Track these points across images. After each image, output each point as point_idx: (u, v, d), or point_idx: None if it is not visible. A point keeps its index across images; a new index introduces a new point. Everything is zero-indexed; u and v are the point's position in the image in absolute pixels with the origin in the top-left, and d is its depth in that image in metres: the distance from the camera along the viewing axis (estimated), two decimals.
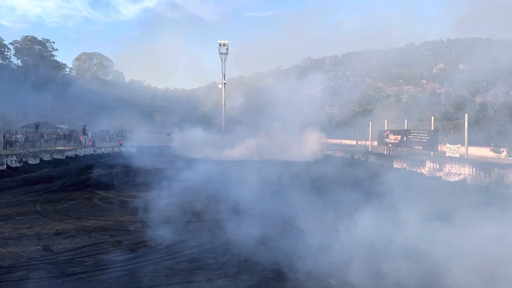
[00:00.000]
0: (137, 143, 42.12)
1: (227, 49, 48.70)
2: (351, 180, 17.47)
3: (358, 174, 20.40)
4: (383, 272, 6.67)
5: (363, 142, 43.39)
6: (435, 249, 7.15)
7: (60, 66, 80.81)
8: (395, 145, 29.69)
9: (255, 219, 11.02)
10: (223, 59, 48.94)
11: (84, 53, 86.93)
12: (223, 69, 49.16)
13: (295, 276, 6.68)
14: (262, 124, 38.79)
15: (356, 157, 34.29)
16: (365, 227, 9.49)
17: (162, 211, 12.08)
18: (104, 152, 36.79)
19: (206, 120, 48.78)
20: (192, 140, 35.93)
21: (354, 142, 46.53)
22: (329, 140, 44.11)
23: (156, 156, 32.92)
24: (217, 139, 36.71)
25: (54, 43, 78.33)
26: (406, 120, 29.55)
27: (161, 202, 13.33)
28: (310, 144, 34.94)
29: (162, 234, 9.37)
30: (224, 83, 49.90)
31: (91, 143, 38.16)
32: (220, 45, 48.64)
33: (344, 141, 51.24)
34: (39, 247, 8.30)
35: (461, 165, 19.25)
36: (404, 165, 24.71)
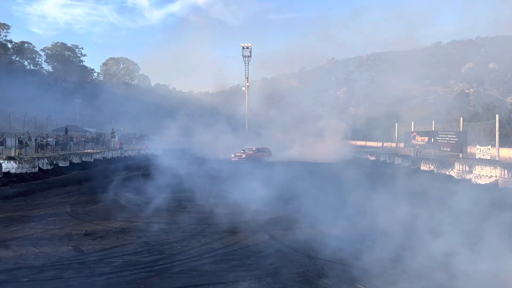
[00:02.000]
0: (162, 145, 42.80)
1: (250, 52, 48.90)
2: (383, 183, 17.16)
3: (390, 177, 20.10)
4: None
5: (389, 144, 42.70)
6: None
7: (88, 71, 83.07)
8: (422, 146, 29.06)
9: (281, 221, 11.04)
10: (246, 62, 49.19)
11: (111, 58, 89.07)
12: (246, 71, 49.39)
13: (321, 280, 6.62)
14: (285, 126, 38.73)
15: (382, 159, 33.76)
16: (392, 229, 9.35)
17: (188, 212, 12.25)
18: (131, 154, 37.51)
19: (229, 123, 49.05)
20: (216, 142, 36.24)
21: (379, 144, 45.85)
22: (354, 142, 43.64)
23: (181, 158, 33.31)
24: (241, 142, 36.92)
25: (82, 48, 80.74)
26: (433, 121, 28.88)
27: (187, 204, 13.53)
28: (337, 146, 34.65)
29: (187, 235, 9.49)
30: (248, 86, 50.09)
31: (118, 146, 38.98)
32: (243, 48, 48.90)
33: (369, 143, 50.53)
34: (70, 247, 8.53)
35: (492, 167, 18.65)
36: (432, 167, 24.15)
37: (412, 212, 11.14)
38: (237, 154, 33.32)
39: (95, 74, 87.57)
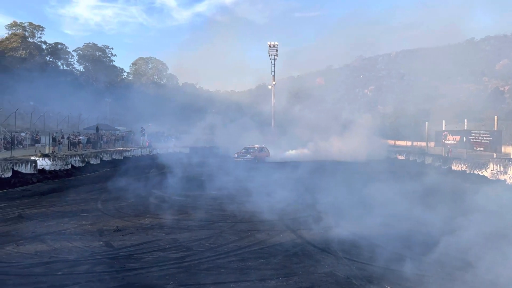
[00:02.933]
0: (189, 144, 43.42)
1: (276, 50, 48.77)
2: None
3: (420, 176, 19.69)
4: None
5: (419, 143, 41.73)
6: None
7: (118, 71, 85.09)
8: (454, 146, 28.26)
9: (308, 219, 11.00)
10: (273, 60, 49.07)
11: (140, 58, 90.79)
12: (273, 70, 49.31)
13: (349, 280, 6.55)
14: (312, 123, 38.45)
15: (411, 158, 33.05)
16: (423, 230, 9.16)
17: (215, 210, 12.37)
18: (159, 152, 38.17)
19: (255, 121, 49.12)
20: (242, 140, 36.38)
21: (409, 143, 44.89)
22: (382, 141, 42.83)
23: (207, 156, 33.76)
24: (269, 140, 36.93)
25: (112, 49, 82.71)
26: (466, 120, 28.00)
27: (214, 202, 13.65)
28: (366, 144, 34.11)
29: (215, 233, 9.58)
30: (274, 84, 50.01)
31: (147, 144, 39.76)
32: (269, 46, 48.82)
33: (398, 142, 49.52)
34: (101, 242, 8.78)
35: None
36: (464, 167, 23.43)
37: (445, 213, 10.89)
38: (241, 153, 32.13)
39: (125, 74, 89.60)
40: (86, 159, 26.33)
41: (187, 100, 69.65)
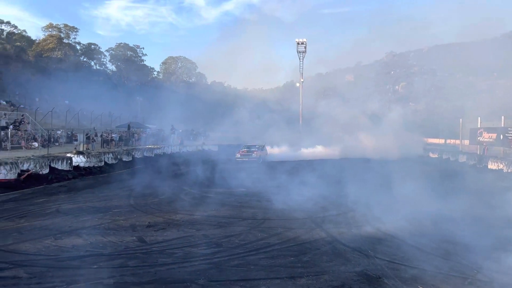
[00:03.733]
0: (218, 141, 43.82)
1: (305, 47, 48.45)
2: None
3: (454, 175, 19.14)
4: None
5: (452, 141, 40.54)
6: None
7: (149, 70, 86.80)
8: (490, 144, 27.27)
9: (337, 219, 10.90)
10: (301, 58, 48.77)
11: (170, 57, 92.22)
12: (301, 67, 49.00)
13: (381, 279, 6.45)
14: (341, 121, 37.94)
15: (444, 156, 32.12)
16: (458, 230, 8.91)
17: (244, 207, 12.44)
18: (189, 150, 38.71)
19: (283, 119, 48.97)
20: (270, 138, 36.35)
21: (441, 141, 43.65)
22: (416, 137, 41.72)
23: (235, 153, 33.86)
24: (296, 137, 36.70)
25: (143, 48, 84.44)
26: (503, 117, 26.94)
27: (243, 199, 13.73)
28: (397, 142, 33.33)
29: (244, 229, 9.64)
30: (302, 82, 49.71)
31: (179, 141, 40.43)
32: (298, 43, 48.54)
33: (430, 140, 48.21)
34: (134, 237, 9.00)
35: None
36: (501, 166, 22.57)
37: (483, 213, 10.56)
38: (244, 153, 29.76)
39: (155, 73, 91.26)
40: (118, 156, 27.02)
41: (216, 99, 70.29)
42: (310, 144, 34.89)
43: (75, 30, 74.12)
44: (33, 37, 72.09)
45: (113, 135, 35.40)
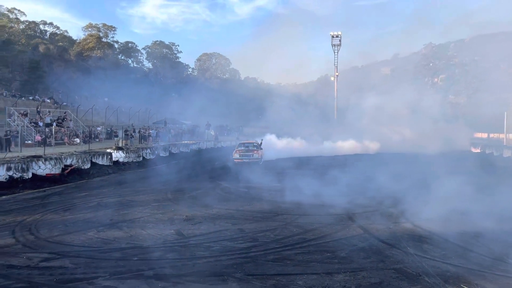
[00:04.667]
0: (252, 137, 43.92)
1: (340, 41, 47.72)
2: None
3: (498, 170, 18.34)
4: None
5: (496, 135, 38.76)
6: None
7: (184, 67, 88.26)
8: None
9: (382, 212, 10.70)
10: (336, 51, 48.08)
11: (204, 54, 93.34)
12: (336, 61, 48.30)
13: (421, 277, 6.28)
14: (377, 115, 37.05)
15: (487, 151, 30.80)
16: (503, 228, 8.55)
17: (279, 202, 12.43)
18: (223, 145, 39.13)
19: (318, 113, 48.52)
20: (304, 133, 36.07)
21: (484, 135, 41.84)
22: (460, 130, 40.15)
23: (269, 149, 33.81)
24: (331, 131, 36.18)
25: (178, 46, 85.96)
26: None
27: (277, 194, 13.72)
28: (436, 136, 32.22)
29: (279, 224, 9.65)
30: (337, 75, 49.00)
31: (214, 136, 40.96)
32: (332, 37, 47.87)
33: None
34: (172, 231, 9.21)
35: None
36: None
37: None
38: (242, 152, 24.64)
39: (190, 70, 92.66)
40: (156, 152, 27.72)
41: (249, 94, 70.53)
42: (345, 138, 34.28)
43: (113, 29, 76.46)
44: (74, 37, 75.16)
45: (150, 131, 36.31)
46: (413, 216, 10.26)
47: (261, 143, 26.77)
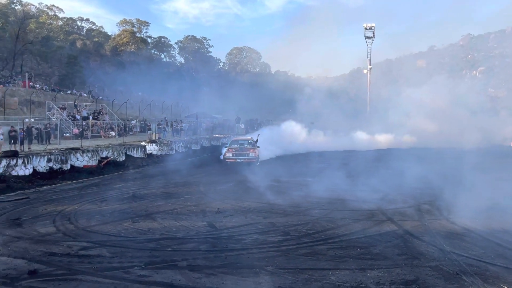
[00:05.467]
0: None
1: (373, 33, 46.64)
2: None
3: None
4: None
5: None
6: None
7: (215, 61, 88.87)
8: None
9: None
10: (369, 43, 47.05)
11: (235, 48, 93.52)
12: (369, 53, 47.29)
13: (458, 275, 6.09)
14: (413, 108, 35.97)
15: None
16: None
17: (310, 197, 12.35)
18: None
19: (350, 107, 47.75)
20: (335, 127, 35.54)
21: None
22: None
23: None
24: (363, 125, 35.44)
25: (210, 40, 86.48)
26: None
27: (308, 188, 13.63)
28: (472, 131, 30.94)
29: (311, 219, 9.59)
30: (370, 68, 48.00)
31: (244, 131, 41.13)
32: (365, 28, 46.84)
33: None
34: (205, 223, 9.34)
35: None
36: None
37: None
38: (236, 151, 21.28)
39: (221, 64, 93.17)
40: (188, 145, 28.13)
41: (279, 87, 70.21)
42: (378, 132, 33.49)
43: (147, 24, 77.77)
44: (109, 33, 77.02)
45: (182, 124, 36.86)
46: (450, 213, 9.97)
47: (257, 140, 22.85)
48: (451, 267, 6.43)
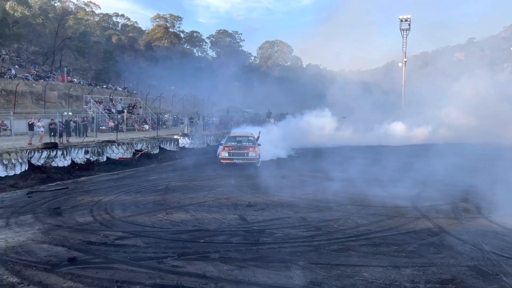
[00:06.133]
0: None
1: (409, 25, 45.28)
2: None
3: None
4: None
5: None
6: None
7: (246, 55, 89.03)
8: None
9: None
10: (404, 36, 45.73)
11: (266, 42, 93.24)
12: (404, 46, 45.98)
13: (498, 276, 5.86)
14: (449, 102, 34.70)
15: None
16: None
17: (342, 192, 12.18)
18: None
19: (383, 101, 46.64)
20: (368, 121, 34.82)
21: None
22: None
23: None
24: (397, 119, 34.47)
25: (241, 34, 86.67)
26: None
27: (340, 184, 13.45)
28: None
29: (343, 215, 9.48)
30: (405, 61, 46.70)
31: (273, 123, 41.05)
32: (401, 20, 45.54)
33: None
34: (236, 216, 9.42)
35: None
36: None
37: None
38: (233, 149, 18.13)
39: (252, 58, 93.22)
40: (219, 139, 28.37)
41: (311, 81, 69.51)
42: (415, 126, 32.48)
43: (179, 19, 78.77)
44: (143, 28, 78.62)
45: (213, 118, 37.23)
46: (489, 211, 9.59)
47: (258, 137, 19.58)
48: (490, 268, 6.20)
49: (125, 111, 33.73)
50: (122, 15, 78.69)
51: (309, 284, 5.60)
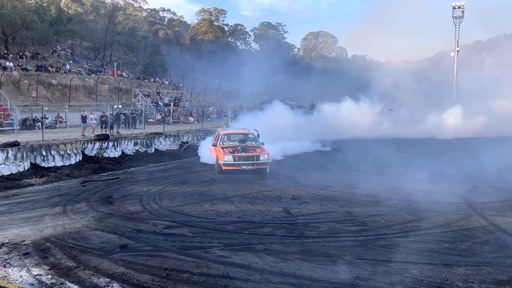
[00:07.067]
0: None
1: (462, 12, 42.99)
2: None
3: None
4: None
5: None
6: None
7: (290, 47, 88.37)
8: None
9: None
10: (457, 24, 43.49)
11: (310, 33, 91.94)
12: (457, 35, 43.76)
13: None
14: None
15: None
16: None
17: (387, 187, 11.83)
18: None
19: (433, 92, 44.71)
20: (418, 114, 33.56)
21: None
22: None
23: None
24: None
25: (285, 26, 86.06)
26: None
27: (386, 178, 13.08)
28: None
29: (390, 210, 9.23)
30: (457, 51, 44.46)
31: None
32: (454, 8, 43.31)
33: None
34: (280, 208, 9.43)
35: None
36: None
37: None
38: (233, 150, 14.72)
39: (296, 50, 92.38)
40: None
41: (356, 72, 67.92)
42: (466, 119, 30.84)
43: (223, 12, 79.35)
44: (189, 22, 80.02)
45: (256, 111, 37.31)
46: None
47: (258, 135, 16.78)
48: None
49: (172, 104, 34.62)
50: (168, 10, 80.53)
51: (355, 279, 5.51)
